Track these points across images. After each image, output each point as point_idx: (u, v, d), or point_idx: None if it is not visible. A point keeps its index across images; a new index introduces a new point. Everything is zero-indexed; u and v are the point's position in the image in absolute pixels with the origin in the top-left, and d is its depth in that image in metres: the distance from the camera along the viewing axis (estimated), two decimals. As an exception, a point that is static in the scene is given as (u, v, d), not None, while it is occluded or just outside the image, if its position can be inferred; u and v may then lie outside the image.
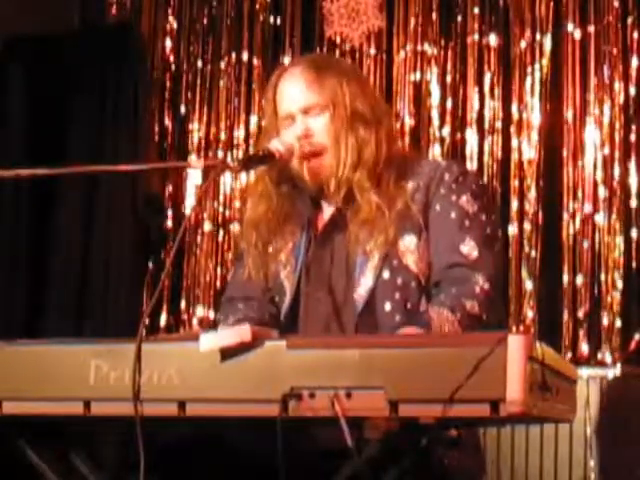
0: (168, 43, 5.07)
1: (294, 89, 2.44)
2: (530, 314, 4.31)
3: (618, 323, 4.17)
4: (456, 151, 4.51)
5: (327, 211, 2.49)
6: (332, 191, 2.41)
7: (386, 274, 2.36)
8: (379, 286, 2.35)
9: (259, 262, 2.51)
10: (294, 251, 2.49)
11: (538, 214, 4.36)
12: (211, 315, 4.76)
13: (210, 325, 4.57)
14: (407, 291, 2.35)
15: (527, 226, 4.36)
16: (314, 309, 2.43)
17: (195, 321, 4.83)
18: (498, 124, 4.46)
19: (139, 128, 4.93)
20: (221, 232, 4.86)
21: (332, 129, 2.41)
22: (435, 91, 4.58)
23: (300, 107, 2.43)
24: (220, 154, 4.84)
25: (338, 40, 4.77)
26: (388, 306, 2.34)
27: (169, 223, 4.93)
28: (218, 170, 2.34)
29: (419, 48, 4.63)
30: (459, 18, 4.58)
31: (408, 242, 2.37)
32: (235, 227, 4.76)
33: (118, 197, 4.86)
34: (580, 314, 4.23)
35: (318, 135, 2.42)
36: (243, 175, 4.51)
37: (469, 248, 2.34)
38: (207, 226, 4.87)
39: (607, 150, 4.28)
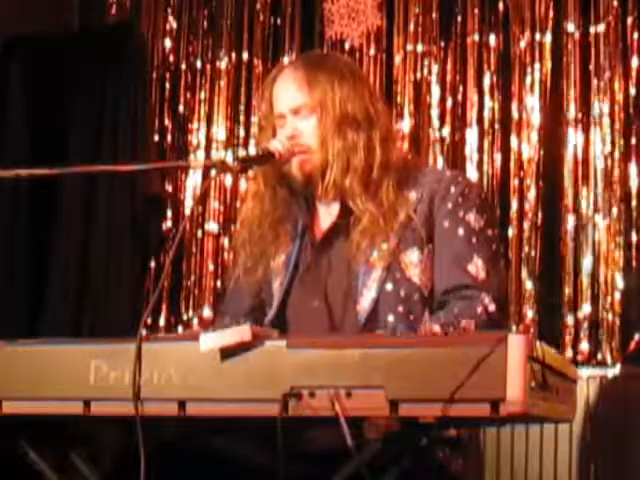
0: (168, 43, 5.07)
1: (285, 89, 2.45)
2: (530, 314, 4.30)
3: (618, 323, 4.17)
4: (456, 151, 4.50)
5: (324, 217, 2.48)
6: (320, 194, 2.41)
7: (389, 286, 2.35)
8: (382, 298, 2.34)
9: (250, 262, 2.50)
10: (287, 260, 2.48)
11: (538, 214, 4.36)
12: (211, 315, 4.75)
13: (210, 325, 4.56)
14: (410, 303, 2.34)
15: (527, 226, 4.36)
16: (308, 318, 2.42)
17: (195, 321, 4.82)
18: (498, 124, 4.46)
19: (138, 128, 4.93)
20: (221, 232, 4.85)
21: (319, 132, 2.40)
22: (435, 91, 4.58)
23: (290, 108, 2.43)
24: (220, 154, 4.83)
25: (338, 40, 4.77)
26: (391, 318, 2.33)
27: (169, 223, 4.93)
28: (218, 170, 2.33)
29: (419, 48, 4.63)
30: (459, 18, 4.58)
31: (411, 256, 2.36)
32: (234, 227, 4.75)
33: (118, 197, 4.86)
34: (580, 314, 4.23)
35: (305, 136, 2.41)
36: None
37: (477, 268, 2.34)
38: (207, 226, 4.86)
39: (607, 150, 4.28)
